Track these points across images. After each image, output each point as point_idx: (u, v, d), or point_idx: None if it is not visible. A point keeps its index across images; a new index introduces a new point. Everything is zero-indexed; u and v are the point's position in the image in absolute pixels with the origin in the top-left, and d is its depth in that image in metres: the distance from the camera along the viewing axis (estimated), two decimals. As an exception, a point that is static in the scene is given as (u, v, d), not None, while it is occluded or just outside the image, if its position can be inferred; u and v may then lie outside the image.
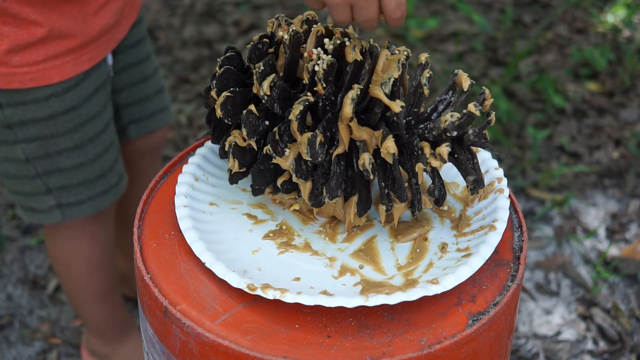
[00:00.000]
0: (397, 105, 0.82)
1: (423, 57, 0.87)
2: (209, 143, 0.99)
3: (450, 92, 0.88)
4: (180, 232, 0.89)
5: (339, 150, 0.85)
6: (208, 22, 2.49)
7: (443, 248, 0.88)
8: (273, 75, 0.85)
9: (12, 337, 1.57)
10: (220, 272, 0.81)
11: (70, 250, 1.27)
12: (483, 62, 2.28)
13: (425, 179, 0.92)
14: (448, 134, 0.83)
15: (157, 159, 1.43)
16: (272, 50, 0.90)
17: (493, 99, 0.89)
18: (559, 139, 2.01)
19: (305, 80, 0.86)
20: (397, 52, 0.86)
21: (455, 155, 0.85)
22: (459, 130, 0.82)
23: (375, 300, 0.78)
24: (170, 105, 1.38)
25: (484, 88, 0.86)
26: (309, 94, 0.86)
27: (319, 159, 0.84)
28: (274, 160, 0.87)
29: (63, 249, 1.27)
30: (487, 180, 0.93)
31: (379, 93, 0.83)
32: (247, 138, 0.87)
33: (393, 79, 0.83)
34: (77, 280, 1.31)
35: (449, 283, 0.80)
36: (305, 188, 0.88)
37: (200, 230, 0.87)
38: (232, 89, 0.88)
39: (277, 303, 0.81)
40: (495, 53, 2.32)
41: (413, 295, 0.78)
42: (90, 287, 1.32)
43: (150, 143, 1.37)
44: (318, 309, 0.80)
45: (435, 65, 2.23)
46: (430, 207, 0.88)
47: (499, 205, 0.89)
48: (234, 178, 0.92)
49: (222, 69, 0.89)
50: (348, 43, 0.85)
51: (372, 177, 0.83)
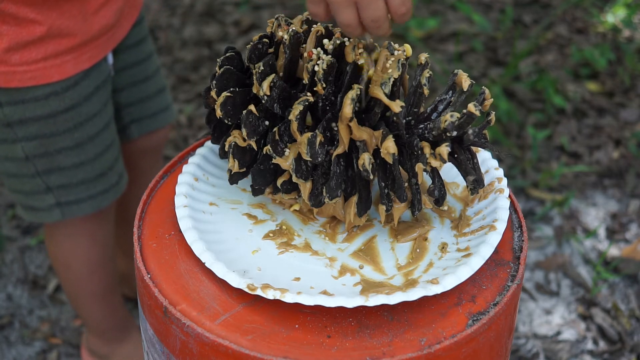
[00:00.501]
0: (397, 105, 0.82)
1: (423, 57, 0.87)
2: (209, 143, 0.99)
3: (450, 92, 0.88)
4: (180, 232, 0.89)
5: (339, 150, 0.85)
6: (208, 22, 2.49)
7: (443, 248, 0.88)
8: (273, 76, 0.85)
9: (12, 337, 1.57)
10: (220, 272, 0.81)
11: (70, 250, 1.27)
12: (483, 62, 2.28)
13: (425, 179, 0.91)
14: (448, 134, 0.83)
15: (158, 159, 1.43)
16: (272, 51, 0.90)
17: (493, 99, 0.88)
18: (559, 139, 2.01)
19: (305, 80, 0.86)
20: (397, 52, 0.86)
21: (455, 155, 0.85)
22: (459, 130, 0.82)
23: (375, 300, 0.78)
24: (172, 105, 1.37)
25: (484, 88, 0.85)
26: (309, 94, 0.86)
27: (319, 159, 0.84)
28: (274, 161, 0.87)
29: (63, 249, 1.27)
30: (487, 180, 0.93)
31: (379, 93, 0.83)
32: (247, 138, 0.87)
33: (393, 79, 0.83)
34: (77, 280, 1.31)
35: (449, 283, 0.80)
36: (305, 188, 0.88)
37: (200, 230, 0.87)
38: (232, 89, 0.88)
39: (277, 303, 0.81)
40: (495, 53, 2.32)
41: (413, 295, 0.78)
42: (90, 287, 1.31)
43: (152, 143, 1.37)
44: (318, 309, 0.80)
45: (435, 65, 2.23)
46: (430, 207, 0.88)
47: (499, 205, 0.89)
48: (234, 178, 0.92)
49: (222, 69, 0.89)
50: (348, 43, 0.85)
51: (372, 177, 0.83)
